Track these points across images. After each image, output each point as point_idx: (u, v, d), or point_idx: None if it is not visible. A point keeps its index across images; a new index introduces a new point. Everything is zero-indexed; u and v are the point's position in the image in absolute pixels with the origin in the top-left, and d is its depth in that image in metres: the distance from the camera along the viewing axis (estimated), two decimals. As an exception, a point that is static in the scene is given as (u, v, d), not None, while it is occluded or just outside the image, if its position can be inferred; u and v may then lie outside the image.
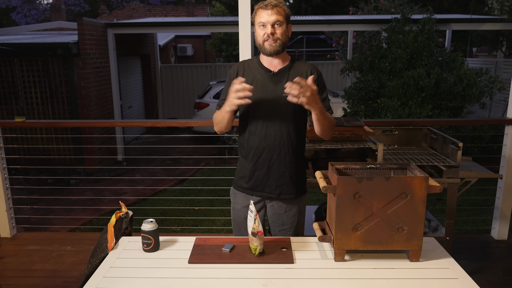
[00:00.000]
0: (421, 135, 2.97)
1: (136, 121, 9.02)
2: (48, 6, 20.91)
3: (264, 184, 2.00)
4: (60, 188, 6.25)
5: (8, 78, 7.02)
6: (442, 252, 1.71)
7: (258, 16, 1.89)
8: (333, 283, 1.50)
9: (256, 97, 1.91)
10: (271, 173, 1.98)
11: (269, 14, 1.85)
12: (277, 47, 1.88)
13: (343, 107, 6.77)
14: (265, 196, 2.02)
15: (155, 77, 10.62)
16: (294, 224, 2.08)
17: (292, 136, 1.97)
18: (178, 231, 4.54)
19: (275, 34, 1.86)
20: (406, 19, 6.45)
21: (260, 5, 1.87)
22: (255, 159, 1.98)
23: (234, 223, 2.14)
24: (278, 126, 1.93)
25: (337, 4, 17.65)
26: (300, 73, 1.94)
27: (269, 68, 1.96)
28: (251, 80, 1.94)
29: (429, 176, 1.58)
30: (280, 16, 1.87)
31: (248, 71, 1.98)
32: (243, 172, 2.04)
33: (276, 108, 1.92)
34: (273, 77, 1.94)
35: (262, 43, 1.89)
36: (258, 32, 1.90)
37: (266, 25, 1.86)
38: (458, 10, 14.76)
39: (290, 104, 1.85)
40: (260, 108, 1.93)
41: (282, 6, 1.88)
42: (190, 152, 8.03)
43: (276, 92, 1.92)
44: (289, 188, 2.01)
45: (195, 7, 18.71)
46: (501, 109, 8.34)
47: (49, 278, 2.89)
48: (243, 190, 2.06)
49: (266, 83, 1.94)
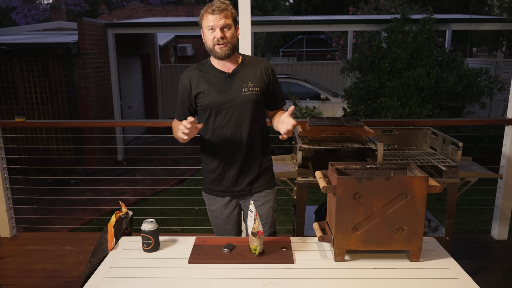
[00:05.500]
0: (421, 135, 2.97)
1: (136, 121, 9.02)
2: (48, 6, 20.91)
3: (235, 184, 2.03)
4: (60, 188, 6.25)
5: (8, 78, 7.01)
6: (442, 252, 1.71)
7: (206, 20, 1.87)
8: (333, 283, 1.50)
9: (215, 100, 1.93)
10: (241, 171, 2.01)
11: (218, 18, 1.84)
12: (227, 50, 1.89)
13: (343, 107, 6.77)
14: (237, 194, 2.05)
15: (155, 77, 10.61)
16: (269, 219, 2.10)
17: (256, 132, 2.00)
18: (178, 231, 4.54)
19: (225, 38, 1.87)
20: (406, 19, 6.45)
21: (208, 10, 1.86)
22: (224, 161, 2.00)
23: (214, 224, 2.18)
24: (241, 125, 1.95)
25: (337, 4, 17.65)
26: (254, 71, 1.97)
27: (222, 70, 1.96)
28: (208, 84, 1.95)
29: (429, 176, 1.58)
30: (229, 20, 1.87)
31: (202, 75, 1.98)
32: (211, 177, 2.07)
33: (236, 107, 1.94)
34: (229, 78, 1.95)
35: (213, 47, 1.88)
36: (207, 36, 1.89)
37: (215, 29, 1.85)
38: (458, 10, 14.76)
39: (249, 101, 1.93)
40: (221, 111, 1.94)
41: (230, 9, 1.88)
42: (190, 152, 8.02)
43: (234, 92, 1.94)
44: (259, 181, 2.05)
45: (195, 7, 18.70)
46: (501, 109, 8.34)
47: (49, 278, 2.89)
48: (214, 193, 2.09)
49: (222, 85, 1.95)
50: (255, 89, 1.95)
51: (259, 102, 1.97)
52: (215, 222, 2.16)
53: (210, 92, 1.94)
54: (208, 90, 1.94)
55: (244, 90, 1.94)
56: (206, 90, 1.95)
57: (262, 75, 1.98)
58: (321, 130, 2.48)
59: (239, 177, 2.02)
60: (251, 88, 1.94)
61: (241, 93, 1.93)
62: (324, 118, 2.67)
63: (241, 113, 1.94)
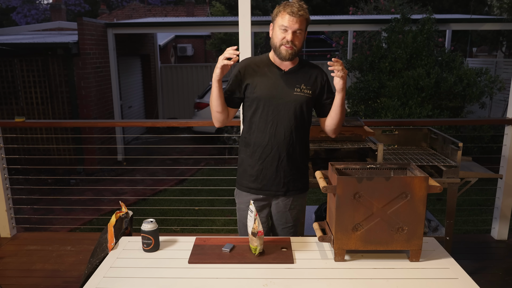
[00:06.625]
0: (421, 135, 2.97)
1: (136, 121, 9.02)
2: (48, 6, 20.91)
3: (272, 182, 2.01)
4: (60, 188, 6.25)
5: (8, 78, 7.01)
6: (442, 252, 1.72)
7: (282, 18, 1.85)
8: (333, 283, 1.50)
9: (266, 94, 1.93)
10: (280, 170, 1.99)
11: (294, 21, 1.83)
12: (292, 54, 1.89)
13: (343, 107, 6.76)
14: (272, 194, 2.03)
15: (155, 77, 10.61)
16: (296, 222, 2.10)
17: (299, 133, 1.98)
18: (178, 231, 4.54)
19: (294, 41, 1.86)
20: (406, 19, 6.45)
21: (287, 9, 1.84)
22: (263, 157, 1.98)
23: (240, 224, 2.14)
24: (287, 124, 1.94)
25: (337, 4, 17.64)
26: (309, 75, 1.98)
27: (280, 66, 1.96)
28: (261, 77, 1.94)
29: (429, 176, 1.58)
30: (303, 25, 1.86)
31: (257, 68, 1.97)
32: (248, 172, 2.03)
33: (286, 106, 1.93)
34: (284, 75, 1.95)
35: (279, 46, 1.88)
36: (277, 34, 1.88)
37: (288, 30, 1.84)
38: (458, 10, 14.75)
39: (298, 101, 1.92)
40: (270, 106, 1.93)
41: (306, 15, 1.87)
42: (190, 152, 8.03)
43: (286, 90, 1.93)
44: (295, 184, 2.04)
45: (195, 7, 18.71)
46: (501, 109, 8.33)
47: (49, 278, 2.89)
48: (248, 190, 2.05)
49: (276, 81, 1.94)
50: (307, 91, 1.95)
51: (308, 105, 1.96)
52: (242, 222, 2.10)
53: (262, 85, 1.93)
54: (261, 83, 1.93)
55: (296, 90, 1.93)
56: (258, 83, 1.93)
57: (317, 80, 1.98)
58: (321, 130, 2.48)
59: (277, 176, 1.99)
60: (303, 89, 1.94)
61: (293, 92, 1.93)
62: (324, 118, 2.66)
63: (288, 112, 1.93)
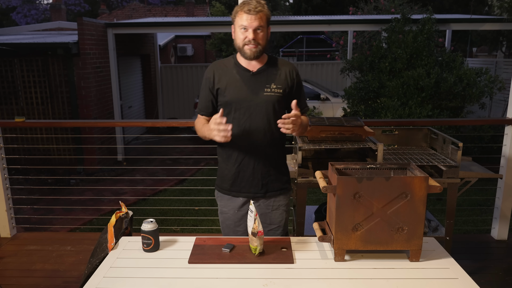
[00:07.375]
0: (421, 135, 2.97)
1: (136, 121, 9.02)
2: (48, 6, 20.89)
3: (250, 184, 2.00)
4: (60, 188, 6.25)
5: (8, 78, 7.01)
6: (442, 252, 1.71)
7: (240, 18, 1.85)
8: (333, 283, 1.50)
9: (236, 97, 1.91)
10: (256, 172, 1.98)
11: (253, 19, 1.82)
12: (257, 52, 1.88)
13: (343, 107, 6.77)
14: (251, 196, 2.01)
15: (155, 77, 10.61)
16: (282, 223, 2.08)
17: (274, 133, 1.96)
18: (178, 231, 4.54)
19: (257, 39, 1.85)
20: (406, 19, 6.45)
21: (243, 8, 1.83)
22: (239, 160, 1.98)
23: (223, 226, 2.13)
24: (260, 125, 1.93)
25: (337, 4, 17.64)
26: (278, 72, 1.96)
27: (247, 68, 1.95)
28: (230, 80, 1.93)
29: (429, 176, 1.58)
30: (263, 21, 1.85)
31: (226, 70, 1.96)
32: (226, 175, 2.03)
33: (257, 107, 1.92)
34: (253, 76, 1.94)
35: (242, 46, 1.87)
36: (238, 34, 1.88)
37: (248, 29, 1.84)
38: (458, 10, 14.75)
39: (270, 101, 1.90)
40: (241, 108, 1.92)
41: (266, 10, 1.86)
42: (190, 152, 8.03)
43: (256, 91, 1.92)
44: (275, 184, 2.03)
45: (195, 7, 18.72)
46: (501, 109, 8.34)
47: (49, 278, 2.89)
48: (228, 192, 2.05)
49: (245, 83, 1.93)
50: (278, 90, 1.93)
51: (280, 103, 1.94)
52: (225, 224, 2.10)
53: (231, 88, 1.92)
54: (230, 86, 1.92)
55: (266, 91, 1.92)
56: (228, 86, 1.93)
57: (286, 77, 1.96)
58: (321, 130, 2.48)
59: (255, 178, 1.99)
60: (273, 89, 1.93)
61: (263, 93, 1.91)
62: (324, 118, 2.67)
63: (261, 113, 1.92)
